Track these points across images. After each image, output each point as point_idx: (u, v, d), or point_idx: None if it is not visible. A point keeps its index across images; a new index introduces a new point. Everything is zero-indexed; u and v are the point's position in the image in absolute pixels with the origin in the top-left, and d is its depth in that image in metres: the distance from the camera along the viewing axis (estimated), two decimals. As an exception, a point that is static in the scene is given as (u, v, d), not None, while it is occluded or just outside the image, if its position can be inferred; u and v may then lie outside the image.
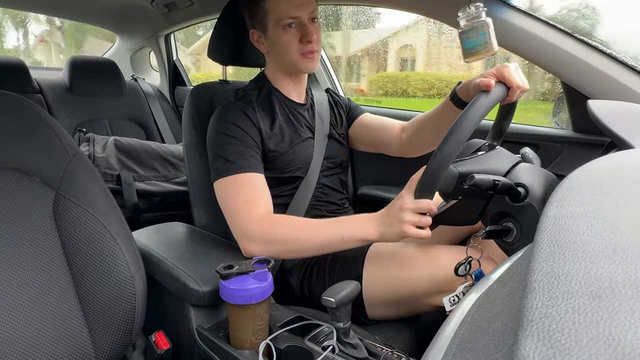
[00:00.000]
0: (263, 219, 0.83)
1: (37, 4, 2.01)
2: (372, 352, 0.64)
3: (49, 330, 0.67)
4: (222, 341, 0.71)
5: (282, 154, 0.95)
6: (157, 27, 2.18)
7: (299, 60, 0.94)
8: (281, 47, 0.93)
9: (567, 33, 0.95)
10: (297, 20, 0.91)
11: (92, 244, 0.72)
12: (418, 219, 0.73)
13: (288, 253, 0.84)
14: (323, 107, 1.08)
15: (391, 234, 0.76)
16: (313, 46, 0.93)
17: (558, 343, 0.19)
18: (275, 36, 0.93)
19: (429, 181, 0.70)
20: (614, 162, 0.44)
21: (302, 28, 0.92)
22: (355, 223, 0.80)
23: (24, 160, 0.72)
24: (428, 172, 0.69)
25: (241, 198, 0.85)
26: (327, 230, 0.81)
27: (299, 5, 0.90)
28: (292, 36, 0.92)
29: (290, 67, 0.97)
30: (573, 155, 1.06)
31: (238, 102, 0.95)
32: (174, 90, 2.40)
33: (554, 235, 0.28)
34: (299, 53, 0.93)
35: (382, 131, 1.09)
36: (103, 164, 1.54)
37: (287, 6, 0.90)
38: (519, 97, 0.78)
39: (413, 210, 0.73)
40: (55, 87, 1.95)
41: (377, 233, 0.78)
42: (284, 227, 0.83)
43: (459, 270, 0.75)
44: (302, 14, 0.91)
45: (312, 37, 0.92)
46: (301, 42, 0.92)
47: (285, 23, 0.90)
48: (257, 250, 0.82)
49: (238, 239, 0.85)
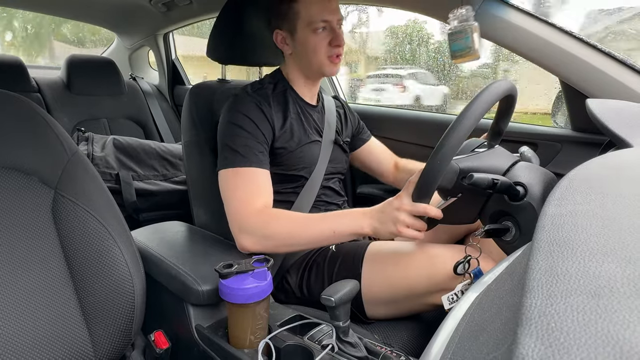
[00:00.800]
0: (261, 213, 0.84)
1: (37, 3, 2.00)
2: (371, 350, 0.64)
3: (48, 329, 0.67)
4: (222, 340, 0.71)
5: (290, 152, 0.97)
6: (156, 26, 2.18)
7: (325, 63, 0.97)
8: (309, 49, 0.96)
9: (567, 32, 0.95)
10: (328, 24, 0.94)
11: (91, 243, 0.72)
12: (413, 221, 0.75)
13: (281, 247, 0.85)
14: (331, 113, 1.11)
15: (384, 232, 0.78)
16: (340, 50, 0.97)
17: (557, 341, 0.19)
18: (304, 38, 0.95)
19: (425, 185, 0.70)
20: (612, 161, 0.44)
21: (332, 32, 0.95)
22: (348, 217, 0.82)
23: (23, 160, 0.72)
24: (424, 177, 0.69)
25: (242, 191, 0.86)
26: (320, 224, 0.82)
27: (331, 10, 0.94)
28: (321, 39, 0.95)
29: (314, 69, 0.99)
30: (572, 154, 1.06)
31: (254, 94, 0.96)
32: (173, 89, 2.39)
33: (553, 234, 0.28)
34: (326, 56, 0.96)
35: (380, 163, 1.21)
36: (102, 163, 1.53)
37: (320, 10, 0.93)
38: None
39: (409, 212, 0.74)
40: (54, 86, 1.95)
41: (369, 228, 0.79)
42: (279, 221, 0.84)
43: (457, 269, 0.76)
44: (333, 18, 0.94)
45: (341, 41, 0.96)
46: (330, 45, 0.95)
47: (317, 26, 0.93)
48: (252, 244, 0.83)
49: (234, 231, 0.86)
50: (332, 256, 0.92)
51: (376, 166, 1.21)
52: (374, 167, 1.22)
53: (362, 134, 1.22)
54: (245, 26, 1.13)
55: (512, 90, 0.74)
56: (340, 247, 0.94)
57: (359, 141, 1.21)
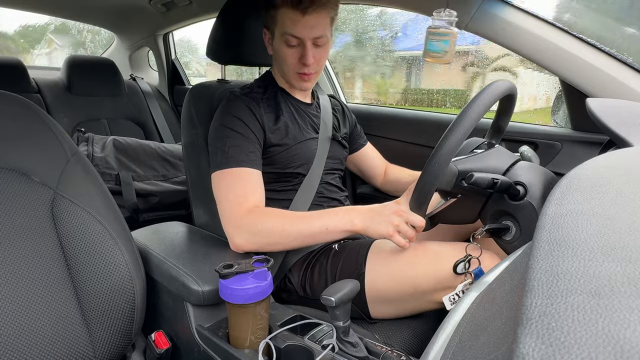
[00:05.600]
0: (252, 212, 0.84)
1: (37, 4, 2.00)
2: (371, 350, 0.64)
3: (47, 330, 0.67)
4: (222, 340, 0.71)
5: (285, 149, 0.97)
6: (155, 27, 2.18)
7: (293, 77, 0.98)
8: (281, 59, 0.96)
9: (566, 31, 0.95)
10: (300, 40, 0.92)
11: (91, 243, 0.72)
12: (406, 228, 0.77)
13: (274, 245, 0.85)
14: (327, 111, 1.11)
15: (374, 231, 0.79)
16: (310, 69, 0.95)
17: (557, 341, 0.19)
18: (277, 47, 0.95)
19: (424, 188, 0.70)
20: (612, 160, 0.44)
21: (302, 49, 0.93)
22: (340, 214, 0.83)
23: (23, 160, 0.72)
24: (423, 180, 0.69)
25: (234, 191, 0.86)
26: (313, 221, 0.83)
27: (304, 26, 0.89)
28: (291, 53, 0.94)
29: (286, 78, 1.01)
30: (572, 154, 1.06)
31: (243, 96, 0.96)
32: (172, 90, 2.39)
33: (553, 234, 0.28)
34: (295, 71, 0.96)
35: (373, 168, 1.26)
36: (102, 164, 1.53)
37: (292, 24, 0.90)
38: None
39: (405, 220, 0.77)
40: (54, 87, 1.95)
41: (361, 225, 0.81)
42: (270, 218, 0.84)
43: (457, 269, 0.76)
44: (304, 36, 0.91)
45: (309, 60, 0.92)
46: (299, 61, 0.94)
47: (288, 40, 0.92)
48: (245, 243, 0.84)
49: (227, 230, 0.86)
50: (335, 255, 0.92)
51: (367, 170, 1.27)
52: (365, 170, 1.27)
53: (359, 139, 1.25)
54: (245, 27, 1.13)
55: (511, 90, 0.74)
56: (343, 246, 0.94)
57: (356, 145, 1.24)
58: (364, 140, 1.26)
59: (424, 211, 0.75)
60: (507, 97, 0.77)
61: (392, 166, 1.27)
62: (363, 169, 1.27)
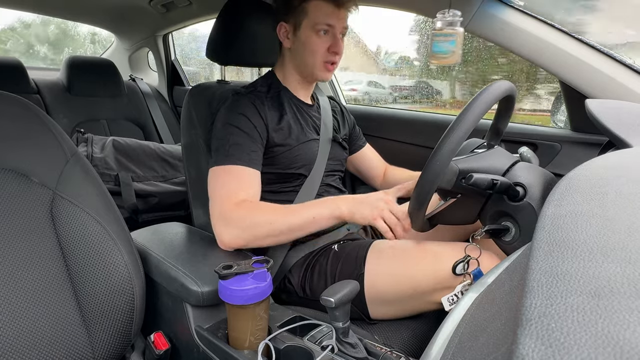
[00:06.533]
0: (240, 206, 0.84)
1: (37, 4, 2.00)
2: (371, 351, 0.64)
3: (46, 331, 0.67)
4: (221, 341, 0.71)
5: (288, 150, 0.98)
6: (155, 27, 2.18)
7: (319, 67, 0.99)
8: (308, 50, 0.98)
9: (566, 32, 0.95)
10: (331, 29, 0.96)
11: (90, 244, 0.72)
12: (389, 215, 0.80)
13: (262, 238, 0.84)
14: (327, 113, 1.12)
15: (360, 216, 0.82)
16: (337, 58, 0.99)
17: (557, 342, 0.19)
18: (306, 37, 0.97)
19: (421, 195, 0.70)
20: (612, 161, 0.44)
21: (333, 38, 0.97)
22: (327, 202, 0.85)
23: (22, 161, 0.72)
24: (423, 179, 0.69)
25: (227, 187, 0.87)
26: (300, 211, 0.84)
27: (338, 16, 0.96)
28: (322, 42, 0.97)
29: (308, 70, 1.01)
30: (571, 155, 1.07)
31: (248, 94, 0.97)
32: (172, 91, 2.39)
33: (553, 235, 0.28)
34: (322, 60, 0.98)
35: (372, 169, 1.26)
36: (101, 165, 1.53)
37: (328, 13, 0.95)
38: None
39: (390, 208, 0.80)
40: (53, 88, 1.95)
41: (347, 211, 0.83)
42: (258, 210, 0.85)
43: (456, 269, 0.76)
44: (338, 25, 0.96)
45: (340, 48, 0.98)
46: (328, 50, 0.97)
47: (321, 29, 0.95)
48: (234, 239, 0.84)
49: (214, 225, 0.86)
50: (335, 255, 0.92)
51: (366, 171, 1.27)
52: (364, 171, 1.28)
53: (358, 140, 1.26)
54: (245, 27, 1.13)
55: (511, 90, 0.74)
56: (342, 247, 0.94)
57: (355, 147, 1.25)
58: (363, 142, 1.27)
59: (423, 211, 0.74)
60: (507, 97, 0.77)
61: (391, 167, 1.27)
62: (362, 170, 1.27)
